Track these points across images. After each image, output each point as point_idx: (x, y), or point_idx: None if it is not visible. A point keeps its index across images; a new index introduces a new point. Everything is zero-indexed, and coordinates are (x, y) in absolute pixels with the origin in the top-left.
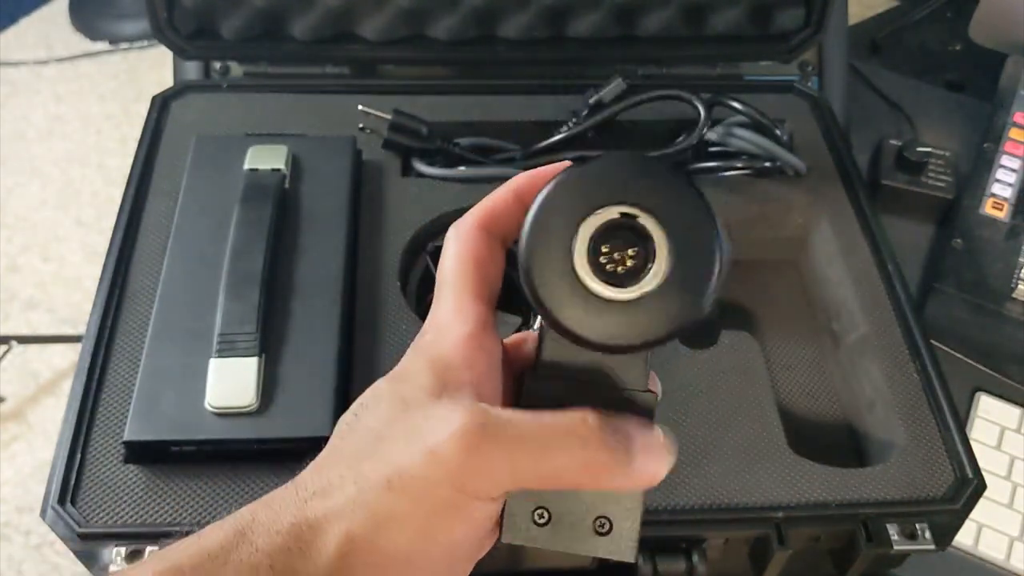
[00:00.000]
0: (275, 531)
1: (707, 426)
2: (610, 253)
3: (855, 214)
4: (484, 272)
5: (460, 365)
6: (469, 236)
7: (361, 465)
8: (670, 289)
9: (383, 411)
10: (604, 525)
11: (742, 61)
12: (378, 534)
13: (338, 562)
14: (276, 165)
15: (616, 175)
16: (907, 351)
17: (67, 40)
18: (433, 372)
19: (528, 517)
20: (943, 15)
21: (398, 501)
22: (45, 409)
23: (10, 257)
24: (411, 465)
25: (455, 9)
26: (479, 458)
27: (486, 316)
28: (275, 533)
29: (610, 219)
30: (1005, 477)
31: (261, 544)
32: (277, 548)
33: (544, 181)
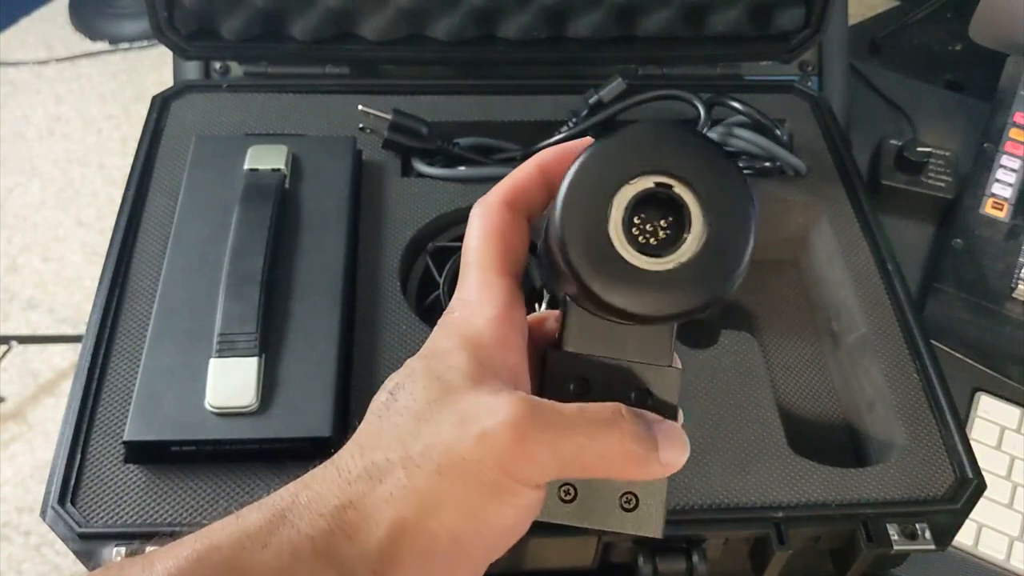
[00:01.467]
0: (318, 513)
1: (707, 426)
2: (644, 224)
3: (855, 214)
4: (510, 248)
5: (493, 344)
6: (494, 212)
7: (407, 448)
8: (705, 260)
9: (421, 391)
10: (630, 501)
11: (742, 61)
12: (428, 519)
13: (388, 547)
14: (276, 165)
15: (650, 145)
16: (907, 351)
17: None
18: (469, 352)
19: (555, 495)
20: (943, 15)
21: (449, 485)
22: (45, 409)
23: (10, 257)
24: (462, 450)
25: (455, 9)
26: (528, 445)
27: (514, 291)
28: (318, 515)
29: (645, 189)
30: (1005, 477)
31: (304, 527)
32: (321, 531)
33: (571, 156)
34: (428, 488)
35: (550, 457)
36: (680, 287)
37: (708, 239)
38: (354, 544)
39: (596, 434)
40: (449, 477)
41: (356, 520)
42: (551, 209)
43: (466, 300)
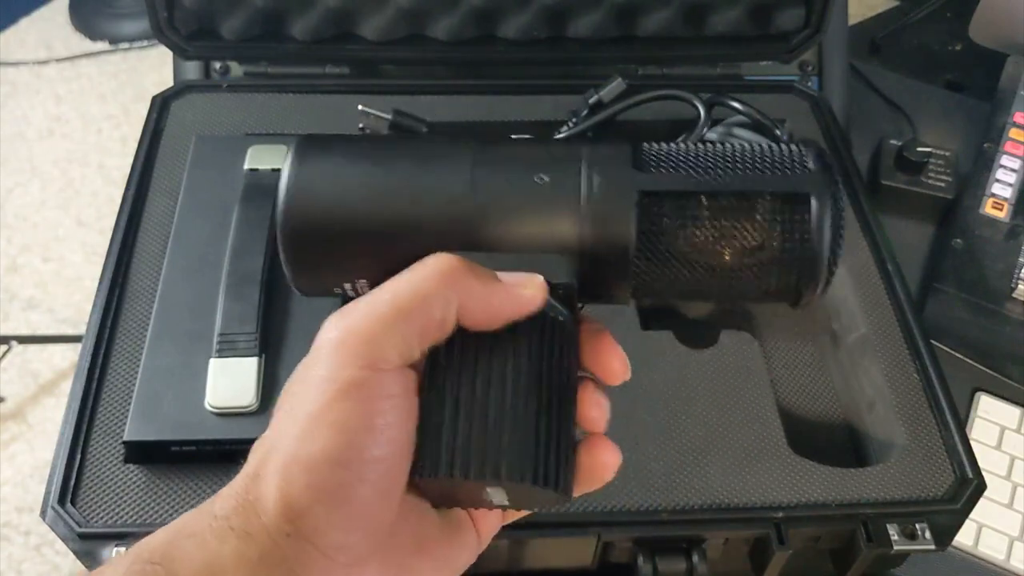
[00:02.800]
0: (228, 495)
1: (707, 426)
2: None
3: (855, 214)
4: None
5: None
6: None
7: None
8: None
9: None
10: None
11: (742, 61)
12: (302, 447)
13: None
14: (276, 165)
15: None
16: (907, 351)
17: (67, 40)
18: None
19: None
20: (943, 15)
21: (304, 403)
22: (45, 409)
23: (10, 257)
24: (310, 360)
25: (455, 9)
26: (369, 332)
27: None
28: (228, 497)
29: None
30: (1005, 477)
31: (219, 511)
32: (231, 510)
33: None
34: (288, 420)
35: (397, 337)
36: None
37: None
38: (260, 504)
39: (418, 275)
40: (300, 396)
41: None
42: None
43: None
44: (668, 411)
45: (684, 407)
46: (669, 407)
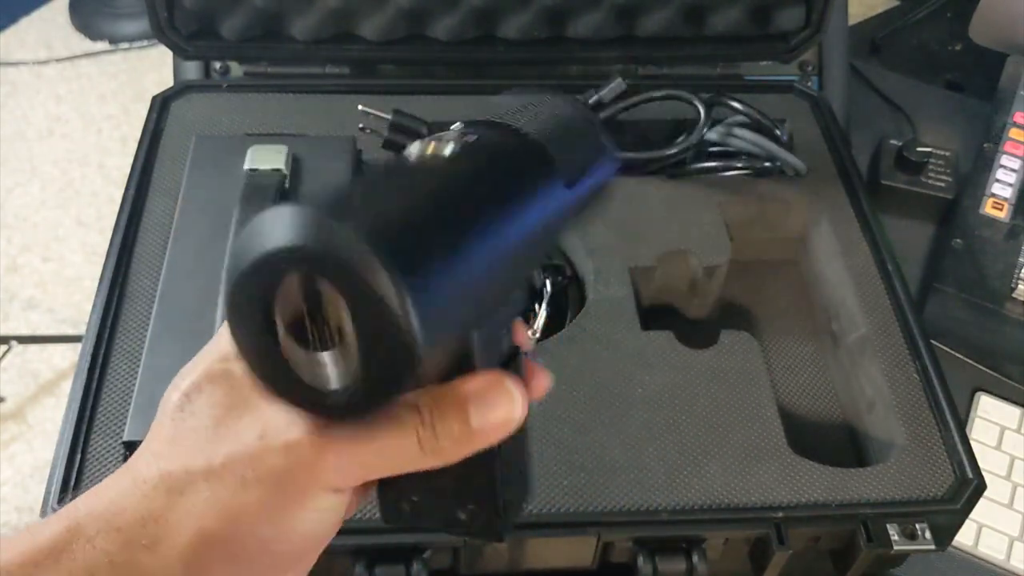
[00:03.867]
0: (115, 527)
1: (707, 426)
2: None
3: (855, 214)
4: None
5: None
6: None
7: (209, 458)
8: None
9: (220, 397)
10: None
11: (742, 61)
12: (234, 528)
13: (192, 558)
14: (276, 165)
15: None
16: (907, 351)
17: (67, 40)
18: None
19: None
20: (943, 15)
21: (254, 496)
22: (45, 409)
23: (10, 257)
24: (268, 461)
25: (455, 9)
26: (331, 455)
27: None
28: (115, 529)
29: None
30: (1005, 477)
31: (100, 542)
32: (119, 545)
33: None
34: (233, 499)
35: (353, 463)
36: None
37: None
38: (156, 555)
39: (395, 435)
40: (254, 487)
41: (157, 533)
42: None
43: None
44: (668, 411)
45: (684, 407)
46: (669, 407)
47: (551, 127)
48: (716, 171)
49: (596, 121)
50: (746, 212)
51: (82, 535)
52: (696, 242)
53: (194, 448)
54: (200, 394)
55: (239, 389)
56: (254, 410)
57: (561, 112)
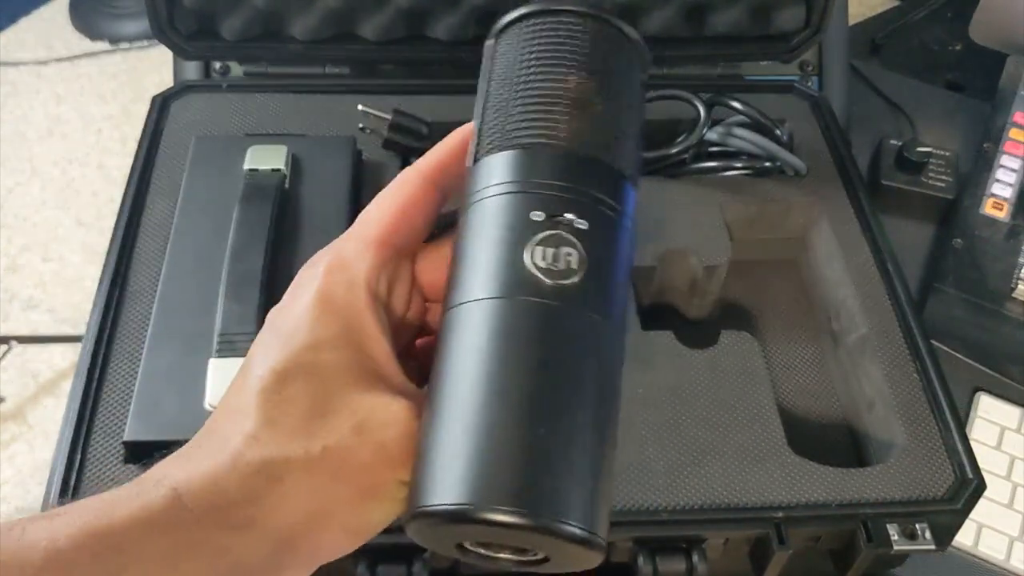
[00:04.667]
0: (216, 506)
1: (707, 426)
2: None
3: (855, 214)
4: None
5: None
6: (407, 183)
7: (306, 447)
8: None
9: (314, 385)
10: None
11: (742, 61)
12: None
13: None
14: (276, 165)
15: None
16: (907, 351)
17: (67, 40)
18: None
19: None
20: (943, 15)
21: (344, 488)
22: (45, 409)
23: (10, 257)
24: (360, 457)
25: (455, 9)
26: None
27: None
28: (215, 508)
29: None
30: (1005, 477)
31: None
32: (216, 521)
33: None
34: (326, 489)
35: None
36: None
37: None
38: (249, 537)
39: None
40: (346, 480)
41: (253, 515)
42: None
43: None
44: (668, 411)
45: (684, 407)
46: (669, 407)
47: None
48: (716, 171)
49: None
50: (746, 212)
51: (184, 508)
52: (696, 242)
53: (292, 436)
54: (295, 381)
55: (331, 382)
56: (348, 403)
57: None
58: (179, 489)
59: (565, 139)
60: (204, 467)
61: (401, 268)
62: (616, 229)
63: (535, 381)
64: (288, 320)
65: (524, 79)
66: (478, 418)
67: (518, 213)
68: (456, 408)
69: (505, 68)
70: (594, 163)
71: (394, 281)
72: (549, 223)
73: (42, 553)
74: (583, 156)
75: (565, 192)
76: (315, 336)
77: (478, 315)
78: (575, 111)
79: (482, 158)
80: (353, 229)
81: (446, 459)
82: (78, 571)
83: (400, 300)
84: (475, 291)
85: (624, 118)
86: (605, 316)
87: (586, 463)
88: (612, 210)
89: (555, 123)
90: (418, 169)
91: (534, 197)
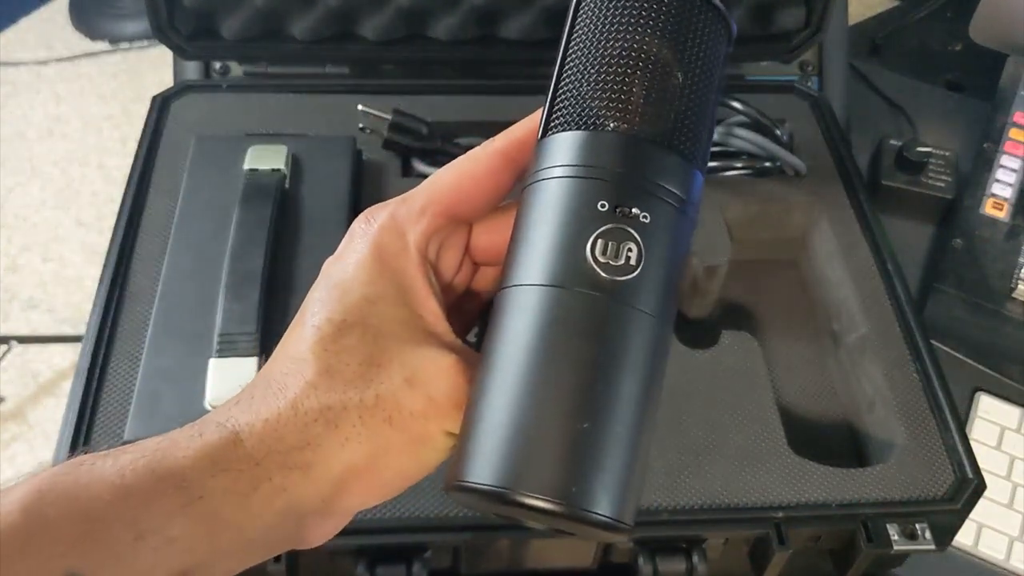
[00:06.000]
0: (276, 450)
1: (707, 426)
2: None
3: (855, 214)
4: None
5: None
6: (482, 156)
7: (361, 395)
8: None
9: (369, 337)
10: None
11: (742, 61)
12: (377, 461)
13: (339, 482)
14: (276, 165)
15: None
16: (907, 351)
17: (67, 40)
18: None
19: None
20: (943, 15)
21: (397, 434)
22: (45, 409)
23: (10, 257)
24: (411, 406)
25: (455, 9)
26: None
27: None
28: (276, 452)
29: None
30: (1005, 477)
31: (263, 461)
32: (277, 465)
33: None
34: (380, 434)
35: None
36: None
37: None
38: (309, 479)
39: None
40: (397, 428)
41: (312, 459)
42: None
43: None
44: (668, 411)
45: (684, 407)
46: (669, 407)
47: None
48: (716, 171)
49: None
50: (746, 212)
51: (245, 450)
52: (696, 242)
53: (348, 384)
54: (351, 332)
55: (384, 335)
56: (400, 356)
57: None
58: (240, 433)
59: (639, 119)
60: (264, 413)
61: (455, 235)
62: (677, 225)
63: (583, 375)
64: (344, 273)
65: (602, 45)
66: (524, 405)
67: (584, 200)
68: (504, 390)
69: (585, 32)
70: (666, 150)
71: (446, 247)
72: (613, 216)
73: (110, 487)
74: (655, 141)
75: (632, 181)
76: (371, 291)
77: (534, 300)
78: (653, 84)
79: (552, 134)
80: (413, 192)
81: (490, 440)
82: (144, 505)
83: (449, 264)
84: (533, 275)
85: (702, 97)
86: (657, 314)
87: (623, 458)
88: (678, 201)
89: (631, 99)
90: (493, 145)
91: (601, 185)
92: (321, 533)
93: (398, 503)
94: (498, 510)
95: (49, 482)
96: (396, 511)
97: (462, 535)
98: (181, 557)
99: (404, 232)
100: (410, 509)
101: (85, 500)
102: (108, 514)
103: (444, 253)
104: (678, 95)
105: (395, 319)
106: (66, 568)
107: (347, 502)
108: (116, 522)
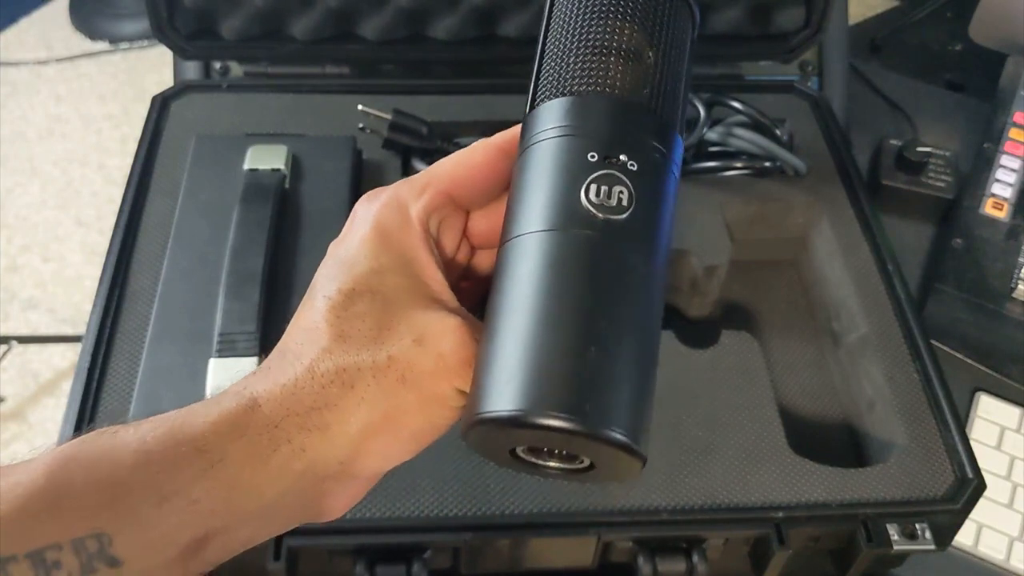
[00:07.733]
0: (294, 412)
1: (707, 426)
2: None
3: (855, 214)
4: (478, 182)
5: (425, 257)
6: (482, 148)
7: (374, 356)
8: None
9: (378, 303)
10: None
11: (742, 61)
12: (392, 417)
13: (357, 440)
14: (276, 165)
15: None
16: (907, 351)
17: (67, 40)
18: (407, 271)
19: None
20: (943, 15)
21: (410, 393)
22: (45, 409)
23: (10, 257)
24: (422, 365)
25: (455, 9)
26: (471, 365)
27: (449, 213)
28: (294, 414)
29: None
30: (1005, 477)
31: (281, 423)
32: (296, 427)
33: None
34: (394, 393)
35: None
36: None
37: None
38: (327, 438)
39: None
40: (410, 386)
41: (329, 420)
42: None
43: (396, 201)
44: (668, 411)
45: (684, 407)
46: (669, 407)
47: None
48: (716, 171)
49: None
50: (746, 212)
51: (263, 414)
52: (696, 242)
53: (361, 347)
54: (361, 300)
55: (392, 301)
56: (409, 318)
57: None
58: (259, 399)
59: (619, 88)
60: (282, 380)
61: (454, 217)
62: (664, 172)
63: (587, 305)
64: (349, 249)
65: (580, 30)
66: (533, 337)
67: (575, 153)
68: (513, 328)
69: (561, 20)
70: (645, 111)
71: (445, 225)
72: (603, 163)
73: (132, 453)
74: (635, 104)
75: (618, 135)
76: (376, 262)
77: (534, 245)
78: (629, 62)
79: (539, 104)
80: (415, 175)
81: (504, 372)
82: (165, 470)
83: (449, 242)
84: (532, 224)
85: (674, 71)
86: (651, 249)
87: (631, 381)
88: (661, 155)
89: (609, 72)
90: (492, 140)
91: (590, 140)
92: (340, 501)
93: (398, 503)
94: (517, 439)
95: (73, 450)
96: (396, 511)
97: (462, 535)
98: (203, 520)
99: (406, 207)
100: (410, 509)
101: (108, 466)
102: (131, 479)
103: (444, 232)
104: (653, 70)
105: (401, 287)
106: (92, 528)
107: (364, 463)
108: (139, 486)
